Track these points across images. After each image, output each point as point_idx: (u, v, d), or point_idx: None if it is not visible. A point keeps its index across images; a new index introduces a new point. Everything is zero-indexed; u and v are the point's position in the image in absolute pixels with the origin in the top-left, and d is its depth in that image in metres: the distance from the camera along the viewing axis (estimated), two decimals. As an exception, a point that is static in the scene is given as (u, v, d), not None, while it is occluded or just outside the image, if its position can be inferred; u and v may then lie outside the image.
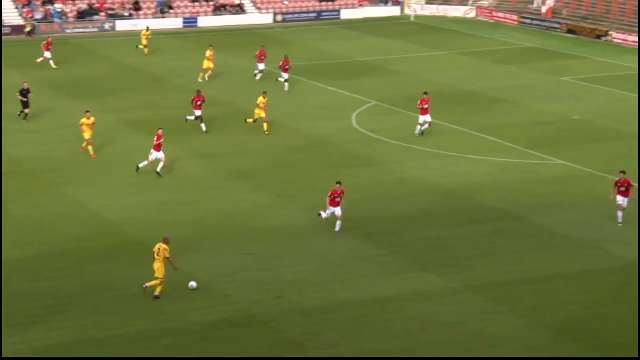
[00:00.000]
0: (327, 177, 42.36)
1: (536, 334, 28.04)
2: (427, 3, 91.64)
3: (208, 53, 61.92)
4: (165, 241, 30.34)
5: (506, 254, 33.86)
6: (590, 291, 30.84)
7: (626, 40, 75.17)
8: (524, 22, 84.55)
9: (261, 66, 61.69)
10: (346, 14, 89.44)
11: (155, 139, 41.82)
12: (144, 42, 70.39)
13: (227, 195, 40.24)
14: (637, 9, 78.23)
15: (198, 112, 49.26)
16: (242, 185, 41.43)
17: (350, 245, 34.67)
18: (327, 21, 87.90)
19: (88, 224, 36.67)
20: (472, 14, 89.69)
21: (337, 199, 35.13)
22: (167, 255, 30.01)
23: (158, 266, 30.10)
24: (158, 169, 41.82)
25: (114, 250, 34.20)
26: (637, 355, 26.49)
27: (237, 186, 41.31)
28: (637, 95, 58.08)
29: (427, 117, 47.84)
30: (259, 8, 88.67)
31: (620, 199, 36.30)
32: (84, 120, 44.69)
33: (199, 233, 35.92)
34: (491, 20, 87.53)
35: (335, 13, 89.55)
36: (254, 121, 48.88)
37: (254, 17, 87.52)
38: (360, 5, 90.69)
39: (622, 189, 36.24)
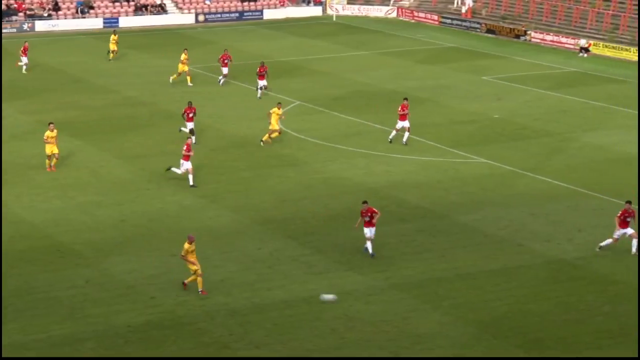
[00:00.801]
0: (252, 177, 42.33)
1: (460, 331, 28.36)
2: (348, 3, 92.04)
3: (183, 57, 59.96)
4: (189, 240, 30.42)
5: (430, 252, 34.19)
6: (513, 288, 31.30)
7: (544, 39, 76.43)
8: (445, 22, 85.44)
9: (225, 70, 60.00)
10: (269, 14, 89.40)
11: (185, 149, 40.72)
12: (114, 47, 67.82)
13: (152, 196, 39.92)
14: (554, 9, 79.59)
15: (190, 125, 47.07)
16: (167, 186, 41.14)
17: (276, 245, 34.67)
18: (250, 21, 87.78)
19: (10, 226, 36.06)
20: (394, 14, 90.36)
21: (367, 219, 33.37)
22: (183, 254, 30.23)
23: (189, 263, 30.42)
24: (191, 182, 40.77)
25: (36, 253, 33.70)
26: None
27: (162, 187, 41.02)
28: (559, 94, 59.11)
29: (406, 123, 46.82)
30: (180, 8, 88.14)
31: (628, 230, 33.62)
32: (48, 133, 42.34)
33: (123, 235, 35.59)
34: (412, 21, 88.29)
35: (258, 13, 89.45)
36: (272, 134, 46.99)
37: (175, 18, 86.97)
38: (282, 5, 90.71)
39: (630, 219, 33.57)
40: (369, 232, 33.54)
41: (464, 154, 46.11)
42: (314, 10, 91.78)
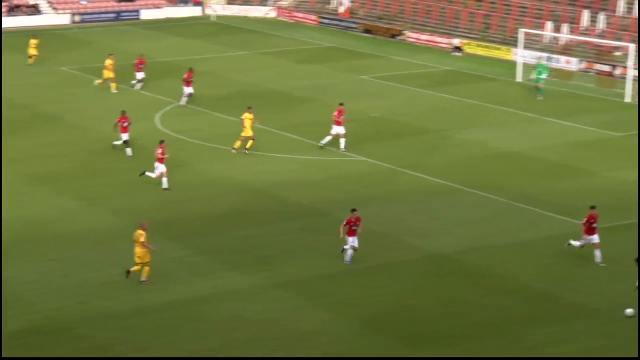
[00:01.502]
0: (134, 179, 41.63)
1: (344, 328, 28.47)
2: (228, 3, 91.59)
3: (108, 62, 57.56)
4: (142, 227, 30.48)
5: (313, 250, 34.23)
6: (394, 283, 31.57)
7: (419, 39, 77.44)
8: (323, 22, 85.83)
9: (140, 75, 58.37)
10: (146, 15, 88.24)
11: (159, 152, 40.02)
12: (34, 51, 64.95)
13: (30, 200, 38.92)
14: (429, 9, 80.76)
15: (125, 136, 44.51)
16: (45, 190, 40.18)
17: (158, 247, 34.10)
18: (127, 22, 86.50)
19: None
20: (273, 15, 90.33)
21: (354, 228, 32.43)
22: (142, 240, 30.23)
23: (137, 251, 30.67)
24: (165, 185, 40.04)
25: None
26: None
27: (40, 191, 40.03)
28: (434, 92, 59.96)
29: (341, 129, 46.12)
30: (55, 8, 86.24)
31: (594, 237, 32.59)
32: None
33: (2, 240, 34.55)
34: (291, 21, 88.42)
35: (135, 13, 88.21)
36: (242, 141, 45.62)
37: (50, 18, 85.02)
38: (158, 7, 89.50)
39: (595, 225, 32.56)
40: (353, 240, 32.57)
41: (345, 152, 46.29)
42: (193, 11, 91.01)
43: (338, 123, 46.38)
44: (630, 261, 32.75)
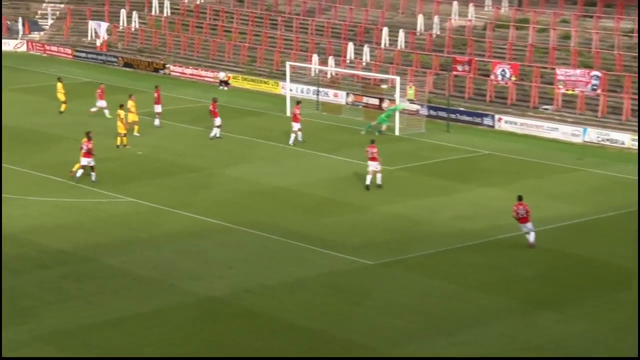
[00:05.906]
0: None
1: (113, 380, 27.87)
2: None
3: (59, 86, 57.89)
4: None
5: (76, 299, 33.35)
6: (164, 331, 31.13)
7: (184, 73, 77.54)
8: (79, 56, 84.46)
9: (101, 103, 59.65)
10: None
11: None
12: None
13: None
14: (192, 42, 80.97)
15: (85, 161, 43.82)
16: None
17: None
18: None
19: None
20: (24, 48, 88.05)
21: (524, 215, 38.26)
22: None
23: None
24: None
25: None
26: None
27: None
28: (200, 128, 60.10)
29: (217, 121, 54.11)
30: None
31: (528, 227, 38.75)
32: None
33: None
34: (45, 55, 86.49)
35: None
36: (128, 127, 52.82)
37: None
38: None
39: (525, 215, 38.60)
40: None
41: (106, 192, 45.58)
42: None
43: (215, 114, 54.67)
44: (403, 297, 33.87)
